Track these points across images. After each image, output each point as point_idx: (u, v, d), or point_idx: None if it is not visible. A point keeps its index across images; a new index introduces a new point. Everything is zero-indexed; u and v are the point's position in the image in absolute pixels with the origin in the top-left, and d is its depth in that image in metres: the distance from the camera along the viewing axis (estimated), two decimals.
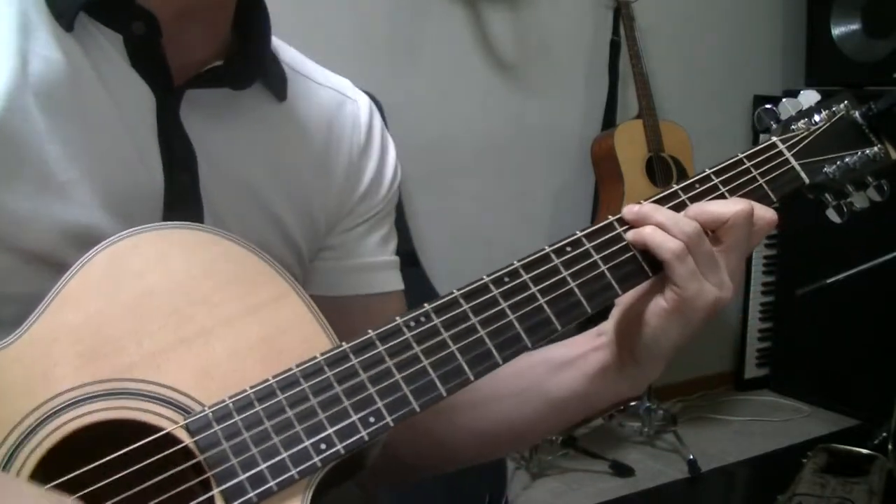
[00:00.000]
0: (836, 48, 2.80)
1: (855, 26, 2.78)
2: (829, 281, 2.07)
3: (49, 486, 0.53)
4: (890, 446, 2.24)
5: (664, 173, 2.49)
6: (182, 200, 0.67)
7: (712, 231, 0.68)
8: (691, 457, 2.49)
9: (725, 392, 3.11)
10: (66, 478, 0.53)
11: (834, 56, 2.81)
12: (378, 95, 0.85)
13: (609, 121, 2.62)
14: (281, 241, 0.74)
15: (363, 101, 0.82)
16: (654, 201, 0.70)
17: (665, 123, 2.52)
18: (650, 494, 2.38)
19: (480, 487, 1.92)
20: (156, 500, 0.54)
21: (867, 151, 0.78)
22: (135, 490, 0.54)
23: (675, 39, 2.82)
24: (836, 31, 2.81)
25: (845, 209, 0.78)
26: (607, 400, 0.74)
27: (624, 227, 0.68)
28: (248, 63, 0.72)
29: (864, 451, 2.06)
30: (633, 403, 2.70)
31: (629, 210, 0.68)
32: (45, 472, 0.54)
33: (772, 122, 0.79)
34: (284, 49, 0.78)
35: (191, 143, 0.68)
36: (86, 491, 0.53)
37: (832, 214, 0.79)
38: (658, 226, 0.67)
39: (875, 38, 2.73)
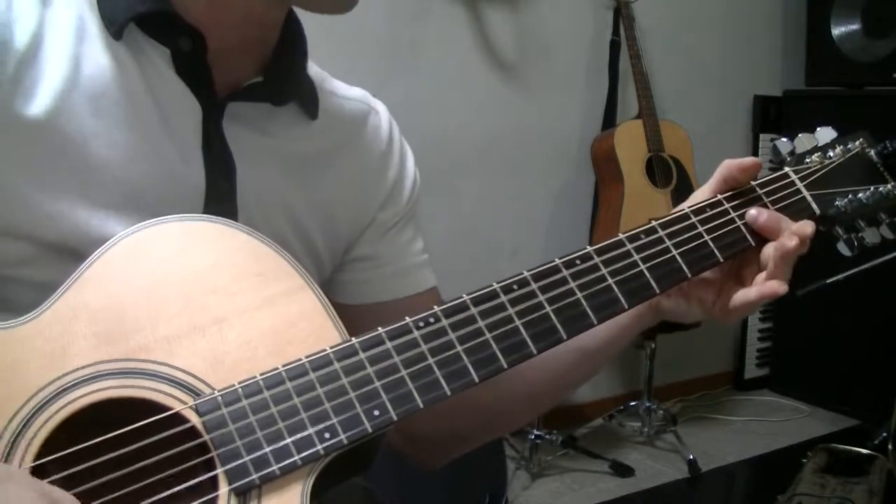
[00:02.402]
0: (836, 48, 2.81)
1: (855, 26, 2.78)
2: (829, 281, 2.07)
3: (56, 455, 0.54)
4: (890, 446, 2.24)
5: (664, 173, 2.49)
6: (219, 207, 0.69)
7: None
8: (691, 457, 2.49)
9: (725, 392, 3.11)
10: (72, 449, 0.54)
11: (834, 56, 2.81)
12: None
13: (609, 121, 2.62)
14: (305, 251, 0.77)
15: (383, 111, 0.85)
16: (663, 223, 0.72)
17: (665, 123, 2.52)
18: (650, 494, 2.37)
19: (480, 487, 1.92)
20: (161, 475, 0.55)
21: (881, 188, 0.79)
22: (140, 465, 0.55)
23: (675, 39, 2.83)
24: (836, 31, 2.81)
25: (856, 243, 0.79)
26: (632, 340, 0.81)
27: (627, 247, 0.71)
28: (287, 81, 0.74)
29: (864, 451, 2.06)
30: (633, 403, 2.70)
31: (751, 217, 0.73)
32: (56, 445, 0.55)
33: (787, 156, 0.79)
34: (309, 65, 0.80)
35: (231, 154, 0.70)
36: (92, 462, 0.54)
37: (843, 248, 0.80)
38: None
39: (875, 38, 2.73)
